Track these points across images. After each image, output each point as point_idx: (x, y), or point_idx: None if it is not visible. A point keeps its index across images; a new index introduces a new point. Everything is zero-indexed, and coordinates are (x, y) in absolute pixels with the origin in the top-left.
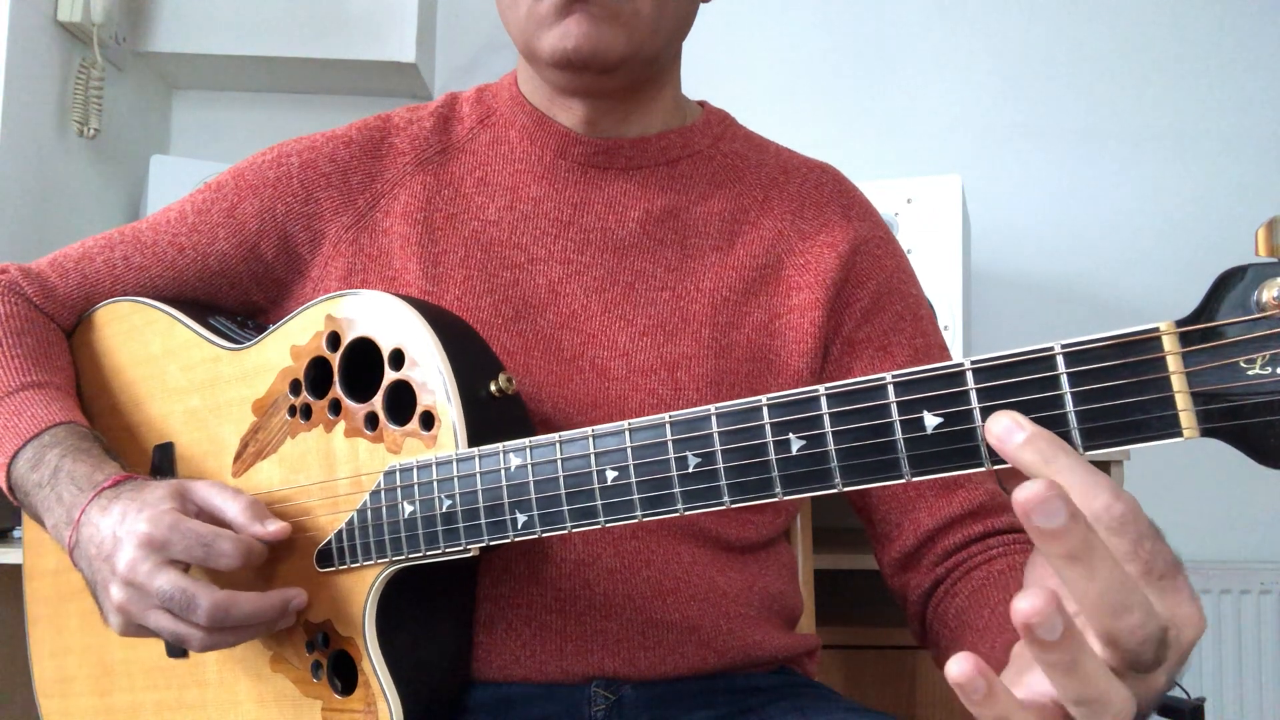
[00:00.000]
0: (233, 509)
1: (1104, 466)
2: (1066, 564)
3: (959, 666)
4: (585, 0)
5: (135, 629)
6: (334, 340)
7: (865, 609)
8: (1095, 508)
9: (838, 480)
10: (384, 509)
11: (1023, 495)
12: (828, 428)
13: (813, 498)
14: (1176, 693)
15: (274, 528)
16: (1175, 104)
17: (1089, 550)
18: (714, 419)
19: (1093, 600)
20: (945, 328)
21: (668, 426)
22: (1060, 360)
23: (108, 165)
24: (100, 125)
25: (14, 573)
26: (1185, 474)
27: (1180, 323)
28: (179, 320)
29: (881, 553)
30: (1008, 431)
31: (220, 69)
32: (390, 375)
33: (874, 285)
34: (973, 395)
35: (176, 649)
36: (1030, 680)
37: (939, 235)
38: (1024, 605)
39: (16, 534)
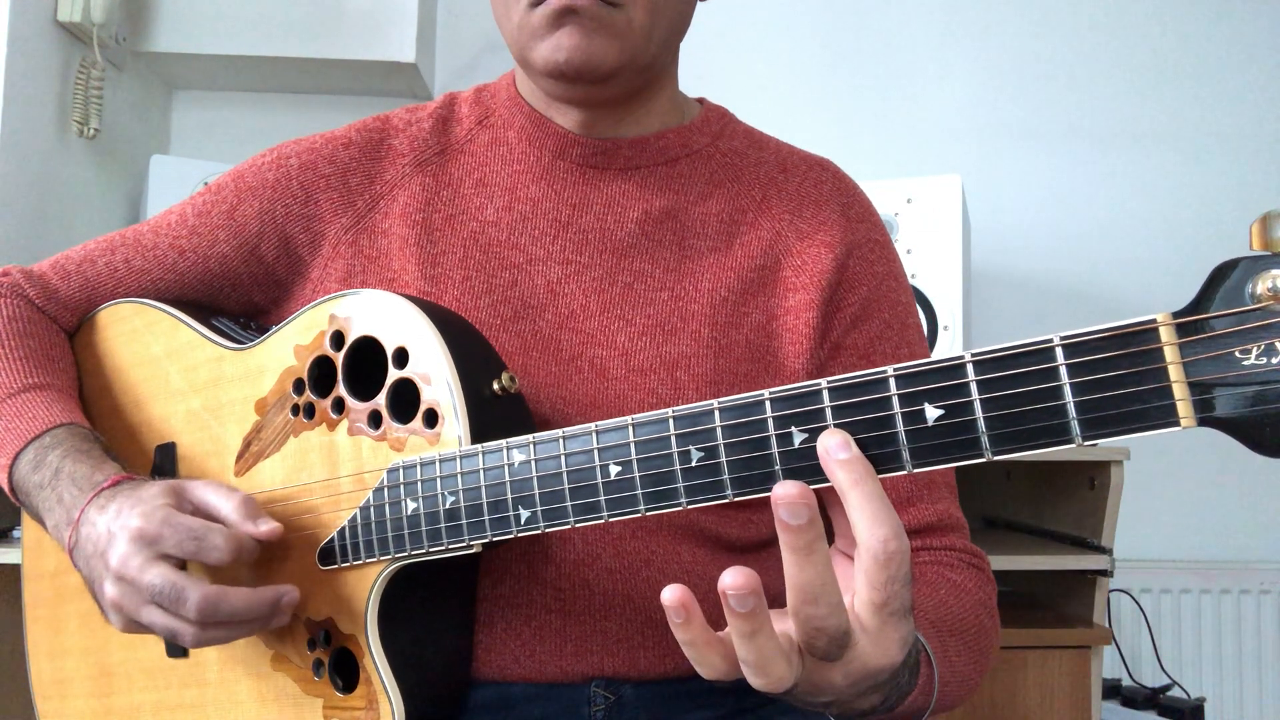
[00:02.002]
0: (226, 506)
1: (1105, 467)
2: (789, 552)
3: (672, 594)
4: (576, 12)
5: (134, 625)
6: (338, 339)
7: None
8: (875, 536)
9: None
10: (387, 506)
11: (780, 491)
12: (830, 420)
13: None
14: (1176, 693)
15: (266, 527)
16: (1175, 104)
17: (809, 550)
18: (717, 413)
19: (796, 584)
20: (945, 328)
21: (671, 421)
22: (1059, 352)
23: (108, 165)
24: (100, 125)
25: (14, 573)
26: (1185, 475)
27: (1177, 314)
28: (182, 321)
29: None
30: (836, 447)
31: (220, 69)
32: (394, 374)
33: (864, 291)
34: (973, 387)
35: (176, 648)
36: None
37: (939, 235)
38: (729, 580)
39: (16, 534)
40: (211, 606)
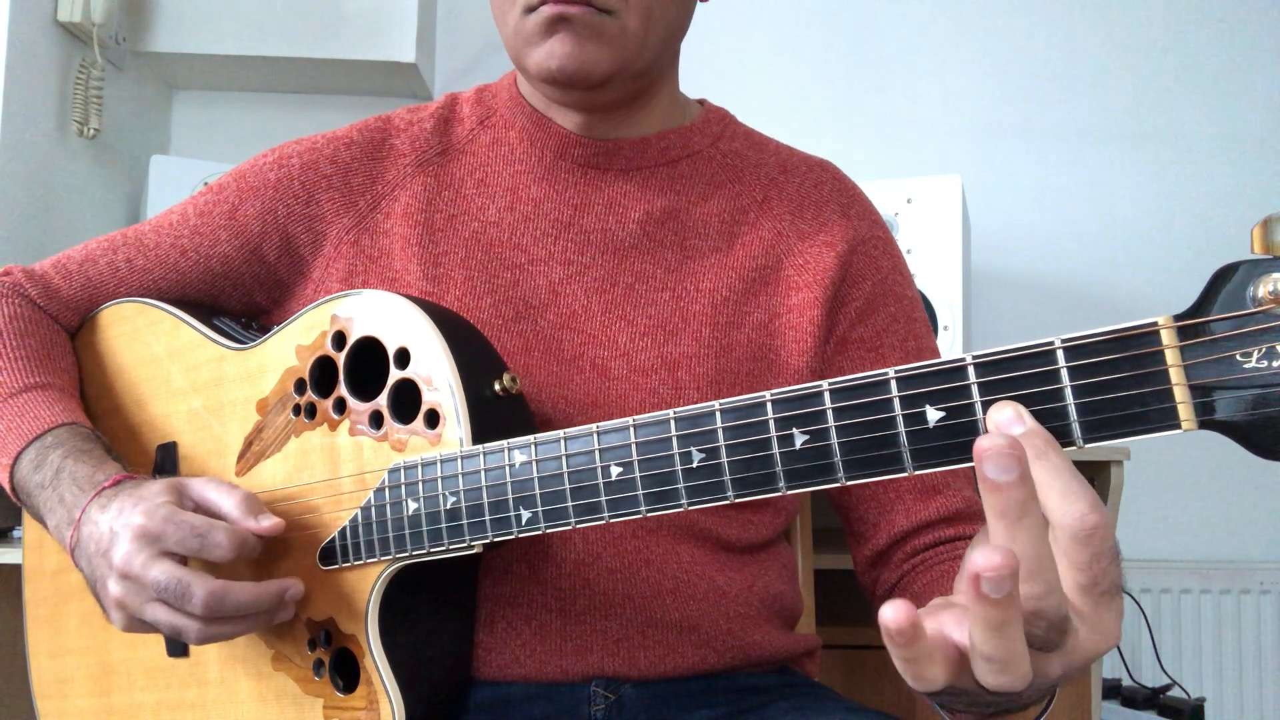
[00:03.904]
0: (228, 503)
1: (1105, 467)
2: (997, 519)
3: (894, 614)
4: (569, 20)
5: (136, 624)
6: (339, 339)
7: (865, 609)
8: (1071, 514)
9: (841, 474)
10: (388, 506)
11: (987, 443)
12: (831, 422)
13: (812, 498)
14: (1176, 693)
15: (268, 523)
16: (1175, 104)
17: (1021, 513)
18: (718, 415)
19: None
20: (945, 328)
21: (672, 423)
22: (1060, 354)
23: (108, 165)
24: (100, 125)
25: (14, 573)
26: (1185, 474)
27: (1178, 317)
28: (184, 321)
29: (856, 550)
30: (1008, 422)
31: (220, 69)
32: (395, 374)
33: (870, 285)
34: (974, 389)
35: (177, 648)
36: (943, 619)
37: (939, 235)
38: (981, 560)
39: (16, 534)
40: (217, 601)
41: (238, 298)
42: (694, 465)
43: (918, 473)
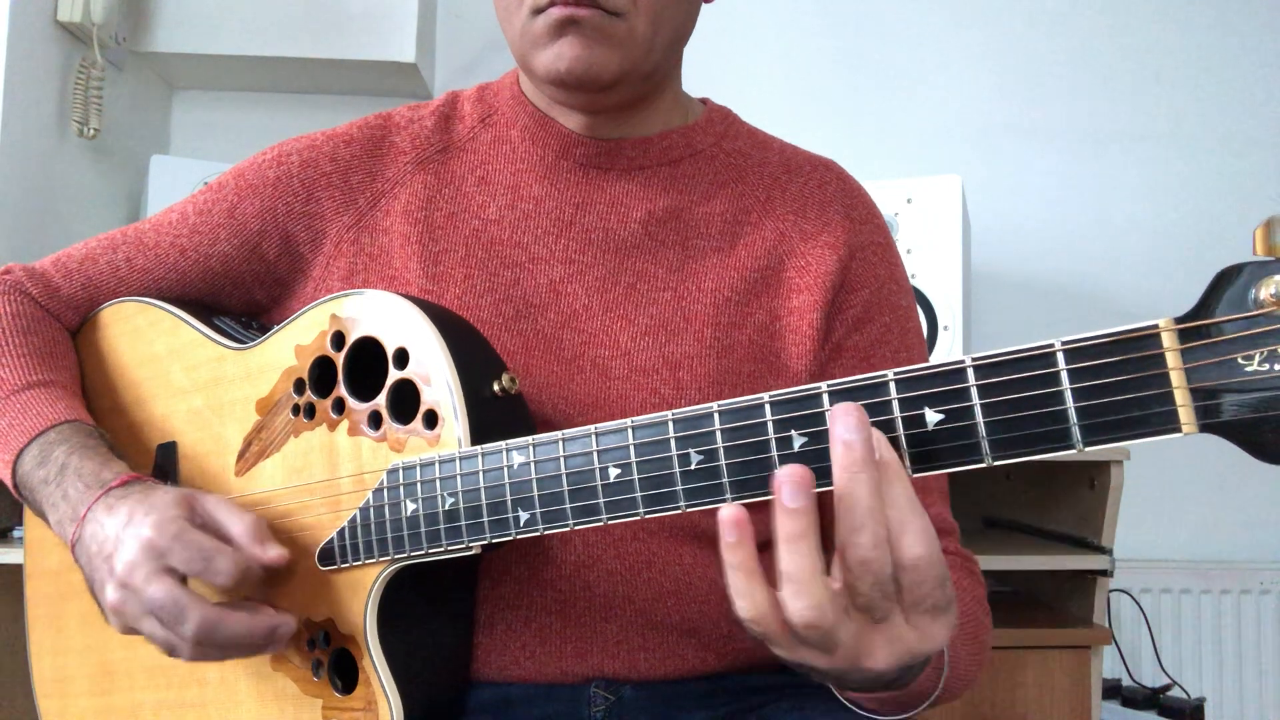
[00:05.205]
0: (237, 527)
1: (1105, 468)
2: (840, 469)
3: (729, 511)
4: (578, 22)
5: (132, 631)
6: (338, 339)
7: None
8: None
9: None
10: (386, 507)
11: (783, 472)
12: (829, 424)
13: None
14: (1176, 693)
15: (274, 553)
16: (1175, 104)
17: (862, 468)
18: (716, 416)
19: (839, 508)
20: (945, 328)
21: (670, 424)
22: (1060, 357)
23: (108, 165)
24: (100, 125)
25: (14, 572)
26: (1186, 475)
27: (1179, 320)
28: (183, 320)
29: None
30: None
31: (220, 69)
32: (394, 374)
33: (867, 293)
34: (974, 392)
35: None
36: None
37: (939, 235)
38: (784, 471)
39: (16, 533)
40: (210, 629)
41: (238, 296)
42: (692, 467)
43: (917, 476)
